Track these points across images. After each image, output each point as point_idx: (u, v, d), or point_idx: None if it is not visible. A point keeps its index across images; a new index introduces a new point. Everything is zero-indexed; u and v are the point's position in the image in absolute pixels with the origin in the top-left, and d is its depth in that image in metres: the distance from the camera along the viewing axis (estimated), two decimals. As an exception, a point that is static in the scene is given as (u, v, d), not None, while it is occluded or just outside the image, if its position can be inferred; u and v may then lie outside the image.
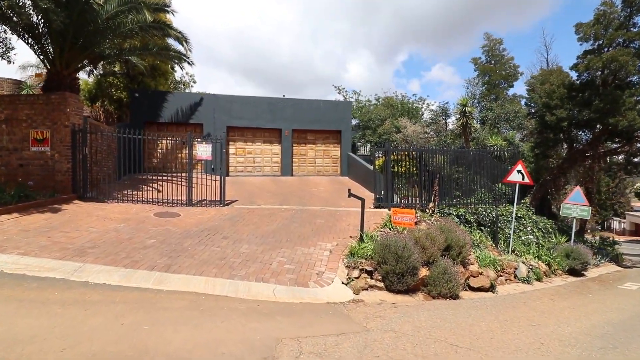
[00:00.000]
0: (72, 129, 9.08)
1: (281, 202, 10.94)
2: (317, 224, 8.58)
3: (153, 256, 5.72)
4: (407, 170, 11.13)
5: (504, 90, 26.46)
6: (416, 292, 6.31)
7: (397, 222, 8.42)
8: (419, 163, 11.24)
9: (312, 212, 9.75)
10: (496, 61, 26.97)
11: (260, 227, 7.99)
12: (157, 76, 19.02)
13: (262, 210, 9.57)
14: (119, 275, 4.96)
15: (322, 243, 7.17)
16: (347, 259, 6.37)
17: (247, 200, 10.87)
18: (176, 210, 8.96)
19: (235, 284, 5.12)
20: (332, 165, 17.92)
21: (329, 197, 12.21)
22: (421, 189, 11.05)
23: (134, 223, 7.49)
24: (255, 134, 16.92)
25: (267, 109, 16.72)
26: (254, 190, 12.77)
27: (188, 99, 15.99)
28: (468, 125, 19.93)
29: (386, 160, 10.66)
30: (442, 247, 6.84)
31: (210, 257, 5.96)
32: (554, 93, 18.45)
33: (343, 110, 17.80)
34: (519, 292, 7.78)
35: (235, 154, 16.62)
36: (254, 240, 7.05)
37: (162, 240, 6.55)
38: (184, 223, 7.86)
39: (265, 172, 16.96)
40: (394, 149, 10.89)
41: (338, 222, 8.87)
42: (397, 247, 6.07)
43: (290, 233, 7.68)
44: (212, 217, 8.59)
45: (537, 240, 11.47)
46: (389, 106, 33.06)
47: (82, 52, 11.57)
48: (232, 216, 8.77)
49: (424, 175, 11.25)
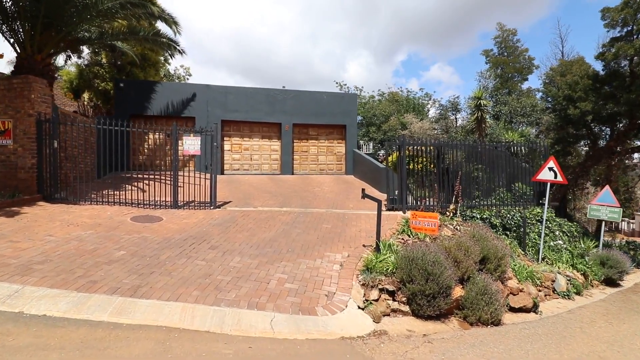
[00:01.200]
0: (38, 118, 7.94)
1: (281, 203, 9.80)
2: (323, 229, 7.43)
3: (119, 274, 4.57)
4: (423, 167, 9.98)
5: (518, 84, 25.28)
6: (448, 316, 5.16)
7: (417, 227, 7.31)
8: (437, 159, 10.10)
9: (317, 215, 8.61)
10: (509, 53, 25.78)
11: (256, 234, 6.85)
12: (147, 67, 17.87)
13: (259, 214, 8.43)
14: (67, 303, 3.81)
15: (331, 254, 6.02)
16: (363, 275, 5.23)
17: (243, 202, 9.73)
18: (159, 214, 7.81)
19: (221, 313, 3.97)
20: (336, 163, 16.76)
21: (335, 197, 11.07)
22: (440, 188, 9.91)
23: (104, 229, 6.34)
24: (253, 129, 15.77)
25: (266, 101, 15.57)
26: (250, 191, 11.63)
27: (179, 91, 14.84)
28: (483, 120, 18.81)
29: (400, 156, 9.52)
30: (477, 259, 5.70)
31: (192, 274, 4.82)
32: (577, 84, 17.27)
33: (348, 103, 16.64)
34: (565, 312, 6.65)
35: (231, 151, 15.46)
36: (248, 250, 5.90)
37: (134, 251, 5.41)
38: (165, 229, 6.71)
39: (264, 170, 15.82)
40: (410, 143, 9.74)
41: (347, 227, 7.73)
42: (426, 261, 4.93)
43: (292, 241, 6.53)
44: (199, 221, 7.44)
45: (566, 246, 10.38)
46: (394, 102, 31.94)
47: (56, 34, 10.43)
48: (223, 220, 7.62)
49: (443, 174, 10.11)
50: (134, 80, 15.02)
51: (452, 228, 8.54)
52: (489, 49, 26.33)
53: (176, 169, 8.35)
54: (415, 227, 7.31)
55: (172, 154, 8.44)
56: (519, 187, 11.86)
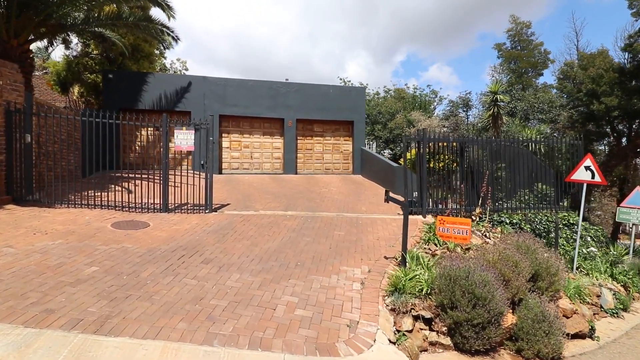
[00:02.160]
0: (7, 108, 7.00)
1: (285, 206, 8.86)
2: (335, 237, 6.49)
3: (84, 299, 3.64)
4: (445, 166, 9.04)
5: (532, 79, 24.31)
6: (497, 349, 4.22)
7: (445, 235, 6.40)
8: (460, 157, 9.16)
9: (327, 220, 7.67)
10: (523, 47, 24.80)
11: (258, 243, 5.90)
12: (140, 59, 16.96)
13: (261, 218, 7.49)
14: (7, 345, 2.88)
15: (348, 269, 5.09)
16: (391, 297, 4.30)
17: (242, 205, 8.79)
18: (145, 219, 6.87)
19: (215, 357, 3.04)
20: (342, 162, 15.81)
21: (344, 199, 10.12)
22: (466, 190, 8.98)
23: (77, 239, 5.40)
24: (253, 125, 14.82)
25: (267, 94, 14.63)
26: (250, 192, 10.69)
27: (173, 83, 13.90)
28: (499, 117, 17.84)
29: (420, 153, 8.58)
30: (528, 276, 4.76)
31: (178, 297, 3.88)
32: (602, 78, 16.29)
33: (356, 98, 15.69)
34: (622, 335, 5.75)
35: (229, 148, 14.52)
36: (249, 265, 4.96)
37: (109, 267, 4.47)
38: (150, 238, 5.77)
39: (265, 170, 14.88)
40: (431, 139, 8.80)
41: (363, 234, 6.79)
42: (472, 281, 3.99)
43: (300, 253, 5.60)
44: (192, 228, 6.50)
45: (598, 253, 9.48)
46: (400, 99, 31.06)
47: (36, 17, 9.50)
48: (220, 227, 6.68)
49: (466, 173, 9.19)
50: (124, 72, 14.09)
51: (480, 235, 7.62)
52: (502, 42, 25.38)
53: (166, 167, 7.41)
54: (443, 235, 6.41)
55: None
56: (540, 188, 10.96)
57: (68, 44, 15.90)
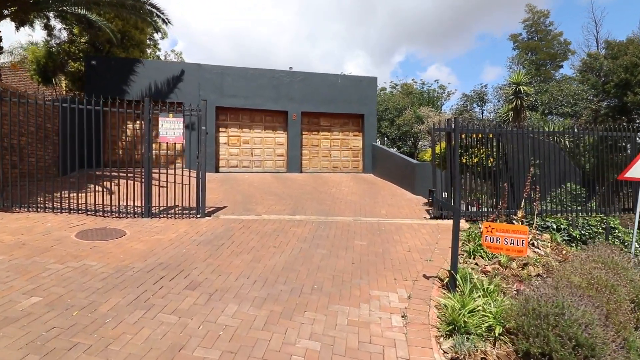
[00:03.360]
0: (-47, 91, 5.84)
1: (292, 209, 7.68)
2: (357, 249, 5.31)
3: (3, 355, 2.46)
4: (479, 161, 7.85)
5: (551, 72, 23.08)
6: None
7: (494, 246, 5.27)
8: (497, 151, 7.98)
9: (343, 226, 6.49)
10: (541, 38, 23.56)
11: (261, 257, 4.72)
12: (130, 47, 15.80)
13: (264, 224, 6.31)
14: None
15: (381, 293, 3.90)
16: (449, 340, 3.11)
17: (241, 207, 7.62)
18: (122, 226, 5.70)
19: None
20: (352, 159, 14.62)
21: (359, 201, 8.93)
22: (499, 189, 7.80)
23: (26, 253, 4.22)
24: (254, 118, 13.64)
25: (270, 84, 13.44)
26: (251, 192, 9.51)
27: (164, 71, 12.72)
28: (522, 110, 16.62)
29: (452, 146, 7.39)
30: (630, 306, 3.56)
31: (148, 346, 2.70)
32: (637, 67, 15.03)
33: (367, 88, 14.49)
34: None
35: (227, 144, 13.34)
36: (250, 290, 3.78)
37: (56, 298, 3.29)
38: (123, 252, 4.59)
39: (267, 168, 13.70)
40: (464, 129, 7.62)
41: (390, 244, 5.60)
42: (571, 321, 2.80)
43: (316, 271, 4.41)
44: (178, 237, 5.32)
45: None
46: (407, 94, 30.05)
47: (2, -9, 8.35)
48: (213, 235, 5.50)
49: (503, 169, 8.00)
50: (110, 58, 12.90)
51: (532, 246, 6.42)
52: (517, 33, 24.13)
53: (149, 162, 6.23)
54: (491, 246, 5.24)
55: (143, 142, 6.32)
56: (571, 187, 9.76)
57: (51, 30, 14.75)
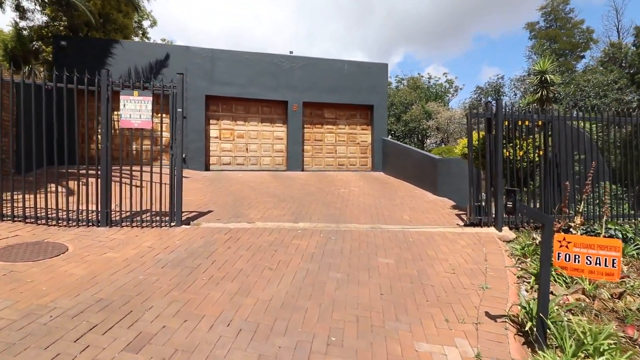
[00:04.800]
0: None
1: (294, 214, 6.32)
2: (383, 271, 3.95)
3: None
4: (525, 155, 6.50)
5: (572, 62, 21.73)
6: None
7: (572, 268, 4.09)
8: (545, 143, 6.62)
9: (359, 237, 5.12)
10: (560, 26, 22.20)
11: (251, 287, 3.36)
12: (112, 32, 14.49)
13: (258, 235, 4.95)
14: None
15: (432, 348, 2.55)
16: None
17: (231, 212, 6.26)
18: (67, 239, 4.34)
19: None
20: (360, 156, 13.26)
21: (375, 204, 7.57)
22: (550, 188, 6.46)
23: None
24: (249, 109, 12.28)
25: (267, 71, 12.09)
26: (244, 193, 8.15)
27: (146, 54, 11.37)
28: (548, 101, 15.23)
29: (494, 135, 6.04)
30: None
31: None
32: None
33: (377, 76, 13.13)
34: None
35: (219, 138, 11.98)
36: (230, 351, 2.41)
37: None
38: (50, 280, 3.23)
39: (264, 166, 12.35)
40: (509, 115, 6.27)
41: (424, 262, 4.24)
42: None
43: (331, 308, 3.05)
44: (138, 256, 3.96)
45: None
46: (415, 88, 29.01)
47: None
48: (188, 252, 4.14)
49: (550, 165, 6.65)
50: (82, 39, 11.52)
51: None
52: (534, 21, 22.75)
53: (107, 154, 4.87)
54: (567, 267, 4.05)
55: (98, 126, 4.97)
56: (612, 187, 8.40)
57: (23, 12, 13.48)
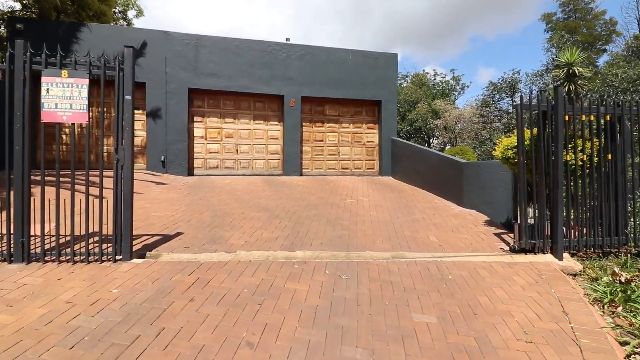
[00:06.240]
0: None
1: (289, 239, 4.95)
2: (424, 340, 2.58)
3: None
4: (588, 159, 5.16)
5: (593, 56, 20.48)
6: None
7: None
8: (612, 142, 5.29)
9: (379, 273, 3.76)
10: (580, 17, 20.94)
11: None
12: (87, 19, 13.11)
13: (237, 275, 3.58)
14: None
15: None
16: None
17: (206, 235, 4.88)
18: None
19: None
20: (366, 158, 11.90)
21: (390, 219, 6.19)
22: (608, 203, 5.13)
23: None
24: (240, 105, 10.92)
25: (260, 61, 10.74)
26: (228, 206, 6.77)
27: (119, 39, 9.94)
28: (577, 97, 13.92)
29: (553, 134, 4.71)
30: None
31: None
32: None
33: (385, 68, 11.80)
34: None
35: (205, 138, 10.61)
36: None
37: None
38: None
39: (257, 170, 10.98)
40: (572, 108, 4.95)
41: (481, 320, 2.88)
42: None
43: None
44: (42, 321, 2.59)
45: None
46: (420, 85, 27.98)
47: None
48: (125, 314, 2.77)
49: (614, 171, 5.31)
50: (42, 21, 10.12)
51: None
52: (552, 12, 21.46)
53: (24, 157, 3.50)
54: None
55: (16, 120, 3.60)
56: None
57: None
